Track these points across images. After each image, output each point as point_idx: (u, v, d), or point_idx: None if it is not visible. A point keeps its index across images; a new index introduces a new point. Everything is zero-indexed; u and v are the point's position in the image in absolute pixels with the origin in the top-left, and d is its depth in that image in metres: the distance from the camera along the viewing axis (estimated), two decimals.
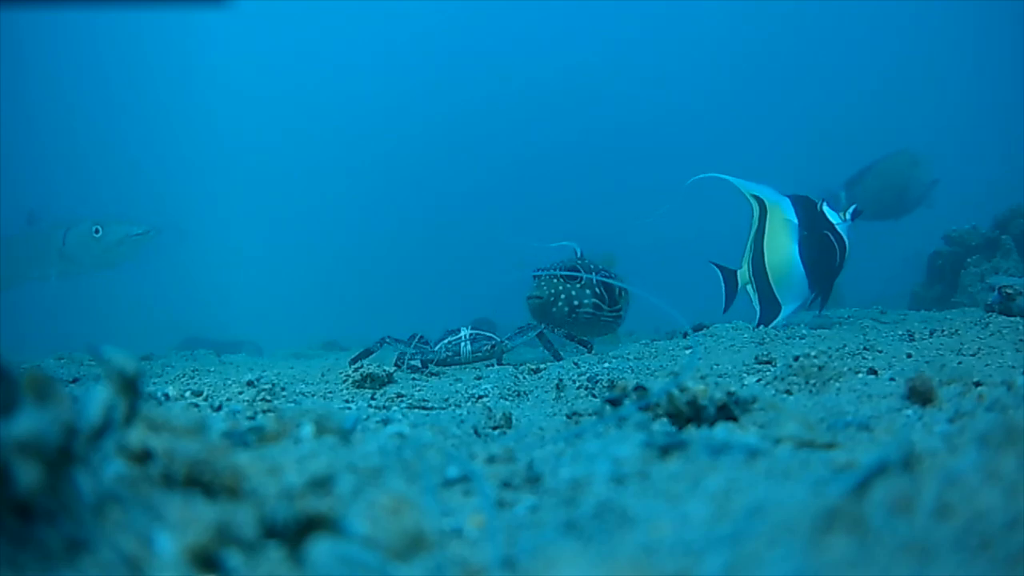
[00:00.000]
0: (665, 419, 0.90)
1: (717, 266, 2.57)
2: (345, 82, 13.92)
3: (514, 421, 1.19)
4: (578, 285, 2.44)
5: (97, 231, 3.68)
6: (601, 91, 13.11)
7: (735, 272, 2.55)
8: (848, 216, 2.45)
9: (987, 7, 10.41)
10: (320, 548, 0.51)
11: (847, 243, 2.45)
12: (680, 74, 12.92)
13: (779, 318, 2.44)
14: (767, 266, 2.48)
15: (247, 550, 0.50)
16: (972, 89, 10.52)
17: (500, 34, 13.44)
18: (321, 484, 0.57)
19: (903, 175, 4.22)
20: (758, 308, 2.52)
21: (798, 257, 2.44)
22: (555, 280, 2.45)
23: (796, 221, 2.43)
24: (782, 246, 2.46)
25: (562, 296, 2.43)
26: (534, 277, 2.50)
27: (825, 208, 2.45)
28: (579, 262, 2.53)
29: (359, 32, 13.94)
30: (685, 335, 2.28)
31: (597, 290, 2.46)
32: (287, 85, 13.68)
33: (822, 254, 2.44)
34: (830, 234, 2.44)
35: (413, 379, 1.87)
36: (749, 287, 2.54)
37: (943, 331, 1.80)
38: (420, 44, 13.58)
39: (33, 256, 3.78)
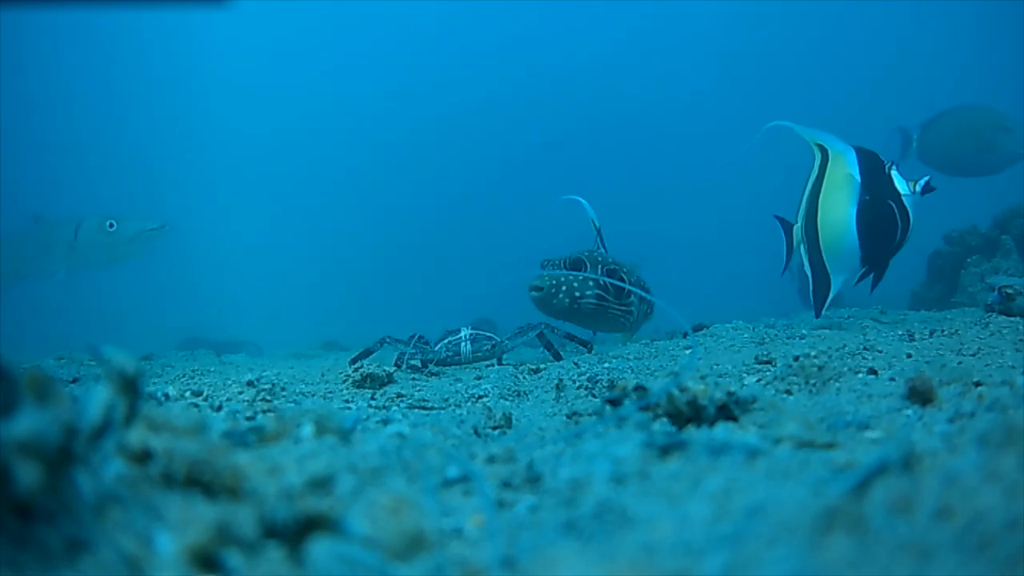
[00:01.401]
0: (665, 419, 0.90)
1: (779, 220, 2.34)
2: (345, 81, 13.92)
3: (514, 421, 1.19)
4: (580, 277, 2.42)
5: (111, 225, 3.63)
6: (601, 88, 13.12)
7: (792, 227, 2.30)
8: (919, 189, 2.15)
9: (986, 6, 10.42)
10: (320, 548, 0.51)
11: (911, 219, 2.15)
12: (684, 67, 12.92)
13: (830, 294, 2.20)
14: (819, 226, 2.19)
15: (247, 550, 0.50)
16: (972, 88, 10.52)
17: (500, 33, 13.45)
18: (321, 484, 0.57)
19: (978, 131, 3.81)
20: (809, 275, 2.25)
21: (854, 222, 2.14)
22: (557, 272, 2.42)
23: (859, 179, 2.13)
24: (839, 205, 2.16)
25: (563, 288, 2.39)
26: (541, 267, 2.48)
27: (894, 173, 2.15)
28: (587, 255, 2.51)
29: (359, 31, 13.95)
30: (685, 335, 2.28)
31: (600, 281, 2.43)
32: (287, 85, 13.70)
33: (883, 226, 2.14)
34: (894, 204, 2.14)
35: (413, 379, 1.87)
36: (802, 248, 2.26)
37: (943, 331, 1.80)
38: (420, 43, 13.58)
39: (41, 251, 3.75)
